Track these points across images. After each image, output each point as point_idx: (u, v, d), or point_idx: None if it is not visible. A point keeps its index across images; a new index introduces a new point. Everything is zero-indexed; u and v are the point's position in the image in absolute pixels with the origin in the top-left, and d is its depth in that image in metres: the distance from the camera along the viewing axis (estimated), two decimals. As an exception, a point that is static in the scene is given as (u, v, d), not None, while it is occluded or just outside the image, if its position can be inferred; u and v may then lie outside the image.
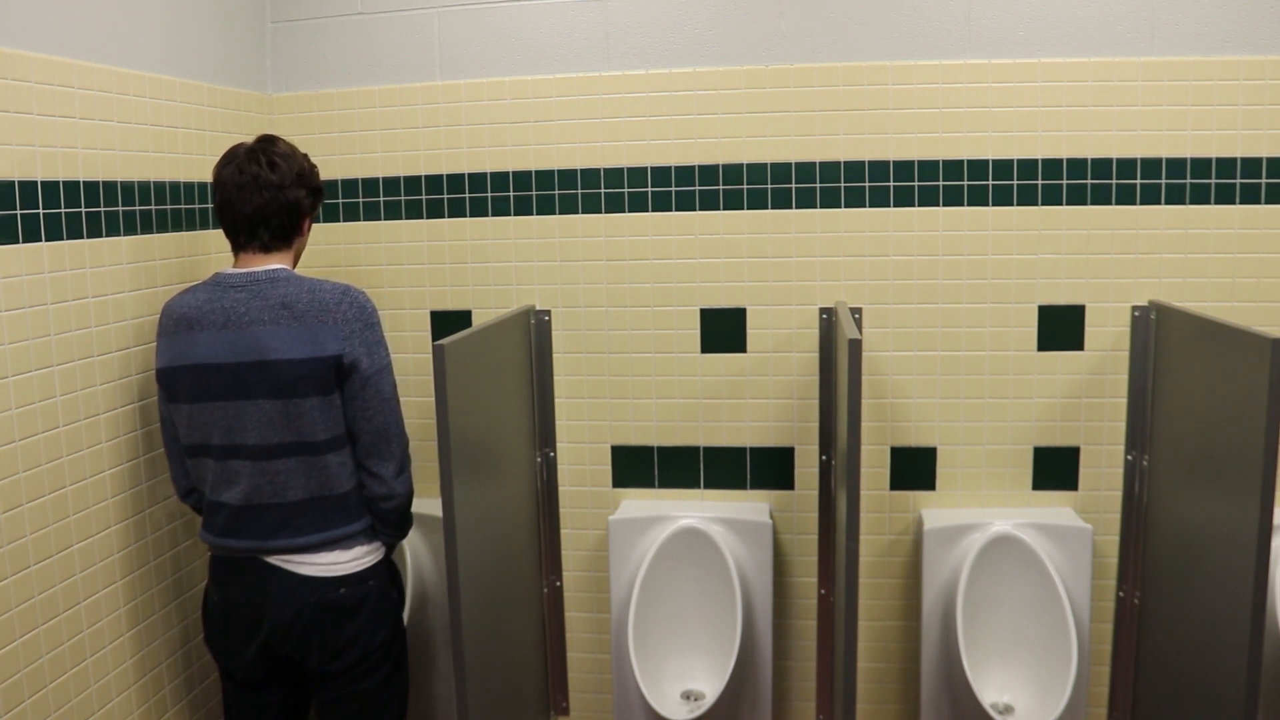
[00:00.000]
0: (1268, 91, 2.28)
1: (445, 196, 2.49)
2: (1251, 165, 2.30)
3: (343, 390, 1.85)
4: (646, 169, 2.41)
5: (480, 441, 2.06)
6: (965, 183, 2.34)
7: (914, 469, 2.44)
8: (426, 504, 2.21)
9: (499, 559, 2.20)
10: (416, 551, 2.47)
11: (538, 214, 2.46)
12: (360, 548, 1.93)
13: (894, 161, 2.34)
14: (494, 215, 2.48)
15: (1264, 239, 2.32)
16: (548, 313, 2.47)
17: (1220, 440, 2.01)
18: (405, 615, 2.29)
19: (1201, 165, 2.30)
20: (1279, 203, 2.31)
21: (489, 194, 2.47)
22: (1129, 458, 2.39)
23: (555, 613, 2.59)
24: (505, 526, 2.27)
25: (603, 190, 2.43)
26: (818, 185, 2.36)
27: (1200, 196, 2.32)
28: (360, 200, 2.52)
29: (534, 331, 2.47)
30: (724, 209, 2.39)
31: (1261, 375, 1.82)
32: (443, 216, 2.50)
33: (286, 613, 1.87)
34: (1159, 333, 2.31)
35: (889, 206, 2.36)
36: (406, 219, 2.51)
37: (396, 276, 2.53)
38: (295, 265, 1.97)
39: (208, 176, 1.94)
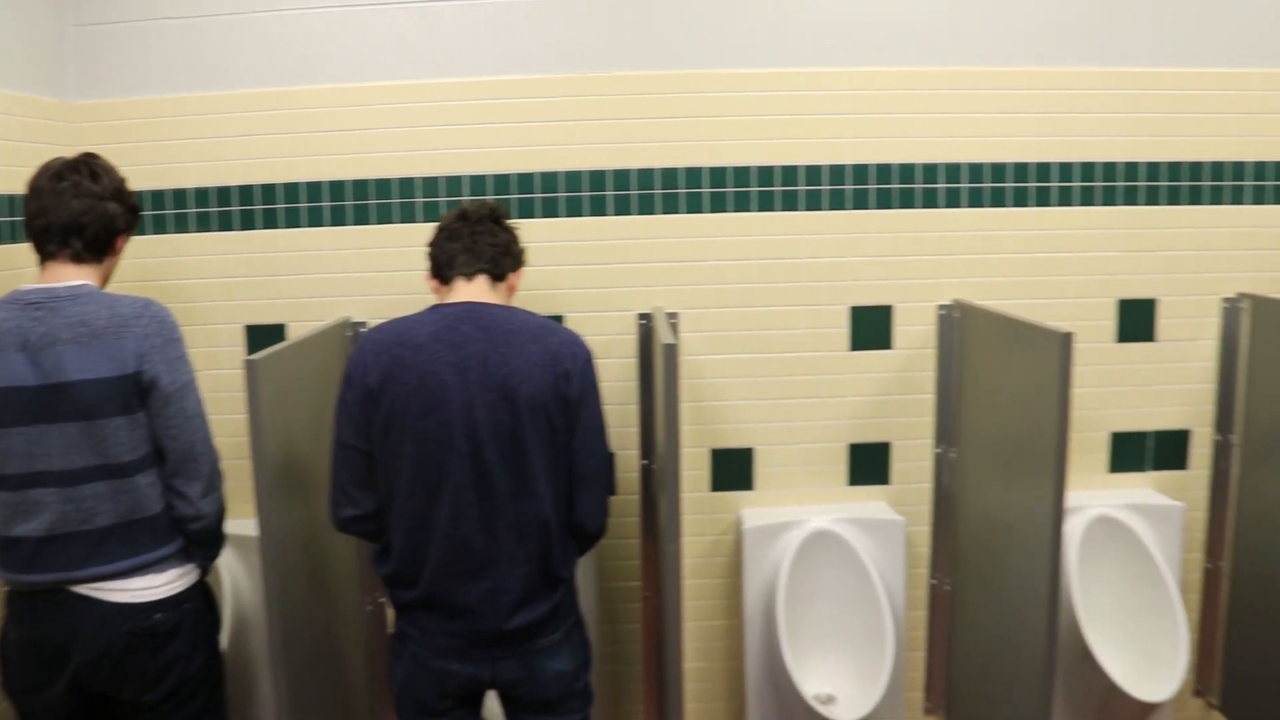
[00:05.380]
0: (1059, 100, 2.41)
1: (259, 207, 2.41)
2: (1043, 170, 2.42)
3: (147, 408, 1.79)
4: (463, 177, 2.38)
5: (298, 458, 2.01)
6: (778, 188, 2.39)
7: (733, 470, 2.48)
8: (245, 524, 2.15)
9: (321, 578, 2.15)
10: (234, 574, 2.39)
11: (354, 224, 2.41)
12: (174, 570, 1.87)
13: (709, 168, 2.38)
14: (309, 226, 2.42)
15: (1056, 239, 2.45)
16: (364, 324, 2.42)
17: (1019, 430, 2.11)
18: (224, 640, 2.22)
19: (999, 170, 2.42)
20: (1070, 205, 2.44)
21: (303, 204, 2.41)
22: (938, 451, 2.49)
23: (380, 631, 2.54)
24: (327, 544, 2.21)
25: (419, 199, 2.40)
26: (634, 192, 2.38)
27: (998, 200, 2.43)
28: (169, 212, 2.43)
29: (352, 344, 2.42)
30: (542, 216, 2.38)
31: (1054, 367, 1.92)
32: (256, 228, 2.42)
33: (98, 644, 1.79)
34: (963, 330, 2.41)
35: (704, 212, 2.39)
36: (219, 231, 2.43)
37: (209, 290, 2.44)
38: (104, 287, 1.90)
39: (4, 187, 1.85)
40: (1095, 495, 2.49)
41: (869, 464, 2.49)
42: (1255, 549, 2.46)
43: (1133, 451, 2.54)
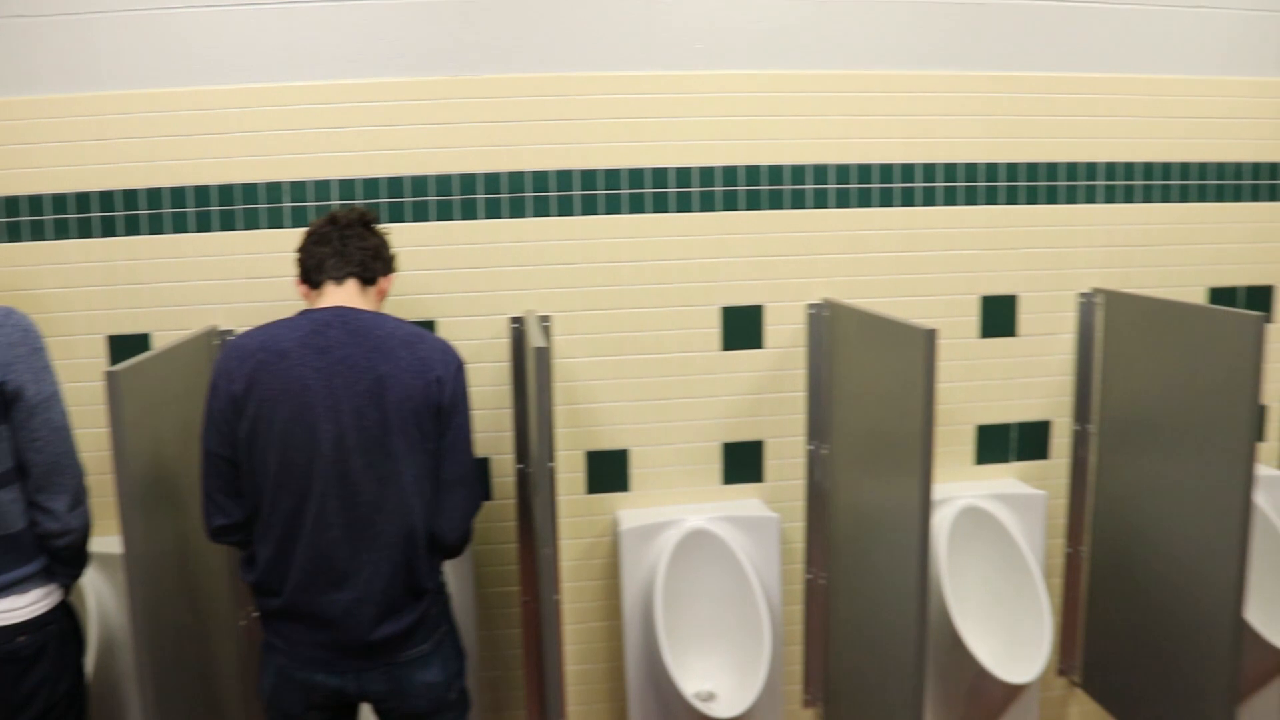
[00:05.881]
0: (922, 103, 2.48)
1: (120, 213, 2.34)
2: (908, 171, 2.49)
3: (10, 420, 1.73)
4: (331, 182, 2.35)
5: (165, 471, 1.96)
6: (648, 190, 2.41)
7: (608, 472, 2.50)
8: (109, 541, 2.09)
9: (191, 594, 2.11)
10: (99, 593, 2.32)
11: (221, 230, 2.36)
12: (37, 590, 1.81)
13: (579, 171, 2.39)
14: (173, 232, 2.36)
15: (921, 238, 2.52)
16: (231, 332, 2.37)
17: (888, 425, 2.17)
18: (90, 662, 2.15)
19: (865, 171, 2.48)
20: (933, 205, 2.51)
21: (167, 210, 2.35)
22: (810, 448, 2.54)
23: (255, 646, 2.49)
24: (198, 559, 2.16)
25: (287, 204, 2.35)
26: (505, 195, 2.38)
27: (865, 200, 2.49)
28: (25, 219, 2.34)
29: (219, 353, 2.36)
30: (412, 220, 2.36)
31: (919, 363, 1.97)
32: (118, 235, 2.35)
33: (-43, 671, 1.72)
34: (832, 328, 2.46)
35: (575, 215, 2.40)
36: (78, 238, 2.35)
37: (68, 300, 2.36)
38: None
39: None
40: (963, 487, 2.57)
41: (743, 462, 2.53)
42: (1111, 533, 2.57)
43: (997, 443, 2.63)
